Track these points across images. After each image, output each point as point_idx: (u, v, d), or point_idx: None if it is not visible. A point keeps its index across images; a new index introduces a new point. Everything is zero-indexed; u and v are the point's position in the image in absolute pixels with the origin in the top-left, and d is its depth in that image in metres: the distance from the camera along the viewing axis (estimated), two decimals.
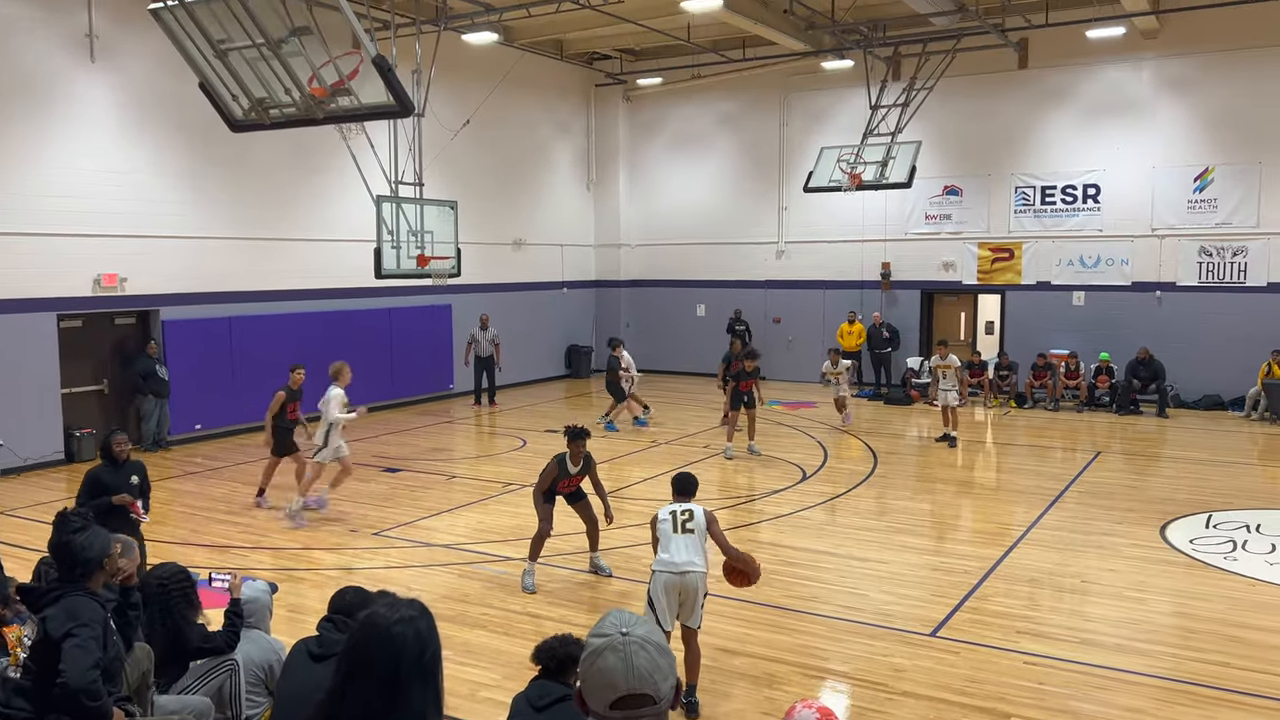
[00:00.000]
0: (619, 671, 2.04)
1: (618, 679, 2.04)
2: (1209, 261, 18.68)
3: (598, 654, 2.07)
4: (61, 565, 4.23)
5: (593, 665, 2.08)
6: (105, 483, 7.47)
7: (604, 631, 2.10)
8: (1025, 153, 20.10)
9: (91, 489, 7.43)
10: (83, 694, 3.91)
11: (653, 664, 2.07)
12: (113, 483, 7.49)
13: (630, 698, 2.05)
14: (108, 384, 15.03)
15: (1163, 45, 18.66)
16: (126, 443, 7.77)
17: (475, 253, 18.30)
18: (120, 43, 14.42)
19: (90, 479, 7.51)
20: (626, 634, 2.08)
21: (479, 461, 14.60)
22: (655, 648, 2.09)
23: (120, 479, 7.54)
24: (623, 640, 2.07)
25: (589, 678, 2.09)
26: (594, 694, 2.08)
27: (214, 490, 12.68)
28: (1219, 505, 11.32)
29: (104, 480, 7.49)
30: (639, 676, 2.04)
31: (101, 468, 7.61)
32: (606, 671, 2.05)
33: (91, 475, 7.56)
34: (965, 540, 10.39)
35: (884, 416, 18.24)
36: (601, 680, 2.06)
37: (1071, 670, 6.86)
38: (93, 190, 14.19)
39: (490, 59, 19.89)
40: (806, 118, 22.18)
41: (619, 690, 2.04)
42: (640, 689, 2.05)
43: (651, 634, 2.11)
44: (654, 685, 2.06)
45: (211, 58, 7.66)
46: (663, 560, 6.31)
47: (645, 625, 2.13)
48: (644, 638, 2.09)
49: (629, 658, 2.05)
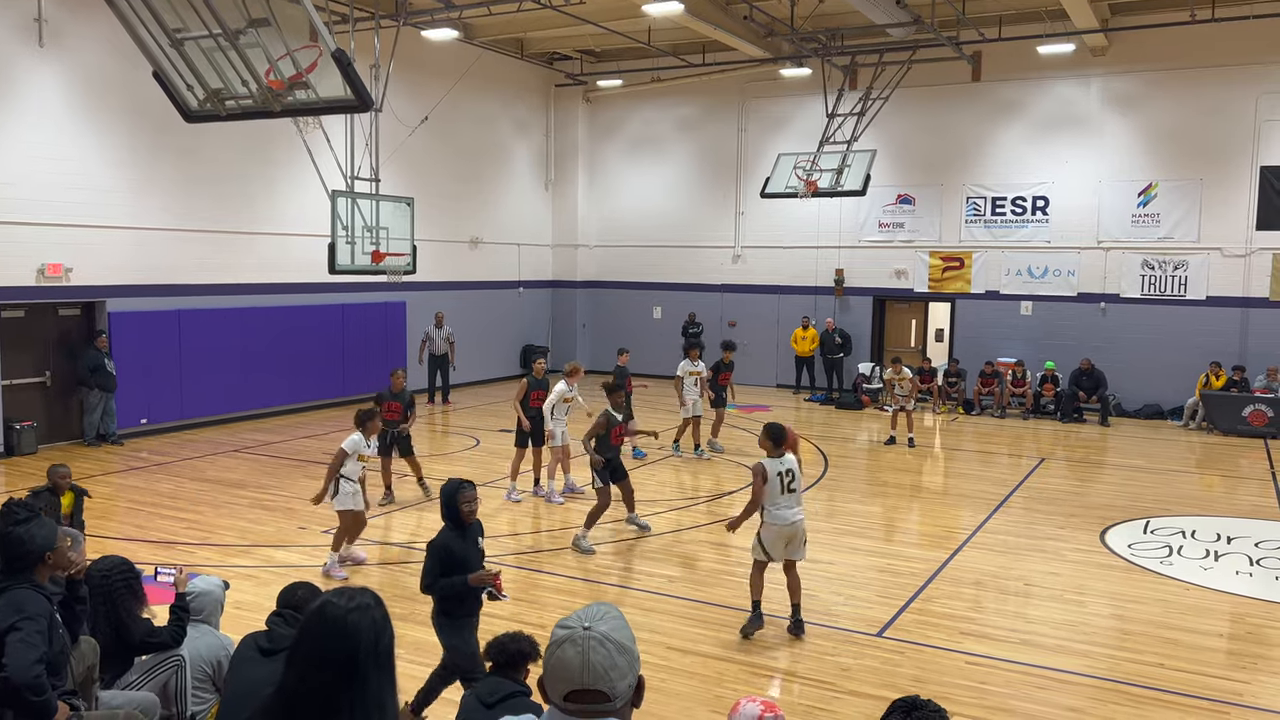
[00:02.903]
0: (574, 666, 2.06)
1: (572, 673, 2.07)
2: (1151, 274, 19.18)
3: (558, 645, 2.10)
4: (6, 557, 4.16)
5: (552, 655, 2.10)
6: (454, 550, 5.89)
7: (569, 624, 2.12)
8: (977, 164, 20.48)
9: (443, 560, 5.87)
10: (27, 688, 3.85)
11: (609, 661, 2.07)
12: (461, 550, 5.93)
13: (583, 692, 2.07)
14: (50, 376, 14.70)
15: (1111, 62, 19.14)
16: (473, 499, 5.99)
17: (431, 250, 18.22)
18: (70, 27, 14.13)
19: (440, 550, 5.91)
20: (589, 629, 2.09)
21: (432, 460, 14.50)
22: (615, 646, 2.09)
23: (470, 544, 6.01)
24: (583, 635, 2.08)
25: (548, 668, 2.12)
26: (550, 684, 2.12)
27: (160, 485, 12.47)
28: (1157, 511, 11.64)
29: (453, 549, 5.89)
30: (594, 673, 2.06)
31: (451, 534, 5.95)
32: (564, 663, 2.08)
33: (441, 546, 5.92)
34: (912, 543, 10.57)
35: (834, 421, 18.45)
36: (558, 672, 2.09)
37: (1012, 670, 7.02)
38: (39, 178, 13.88)
39: (450, 56, 19.80)
40: (764, 124, 22.38)
41: (572, 684, 2.07)
42: (594, 685, 2.06)
43: (614, 631, 2.11)
44: (609, 683, 2.07)
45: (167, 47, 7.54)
46: (775, 515, 7.49)
47: (611, 622, 2.13)
48: (605, 635, 2.09)
49: (586, 653, 2.07)
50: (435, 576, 5.82)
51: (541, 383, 12.02)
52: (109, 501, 11.67)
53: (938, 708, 2.71)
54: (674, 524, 10.93)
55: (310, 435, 15.86)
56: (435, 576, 5.82)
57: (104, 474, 13.07)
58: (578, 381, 11.93)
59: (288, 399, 17.64)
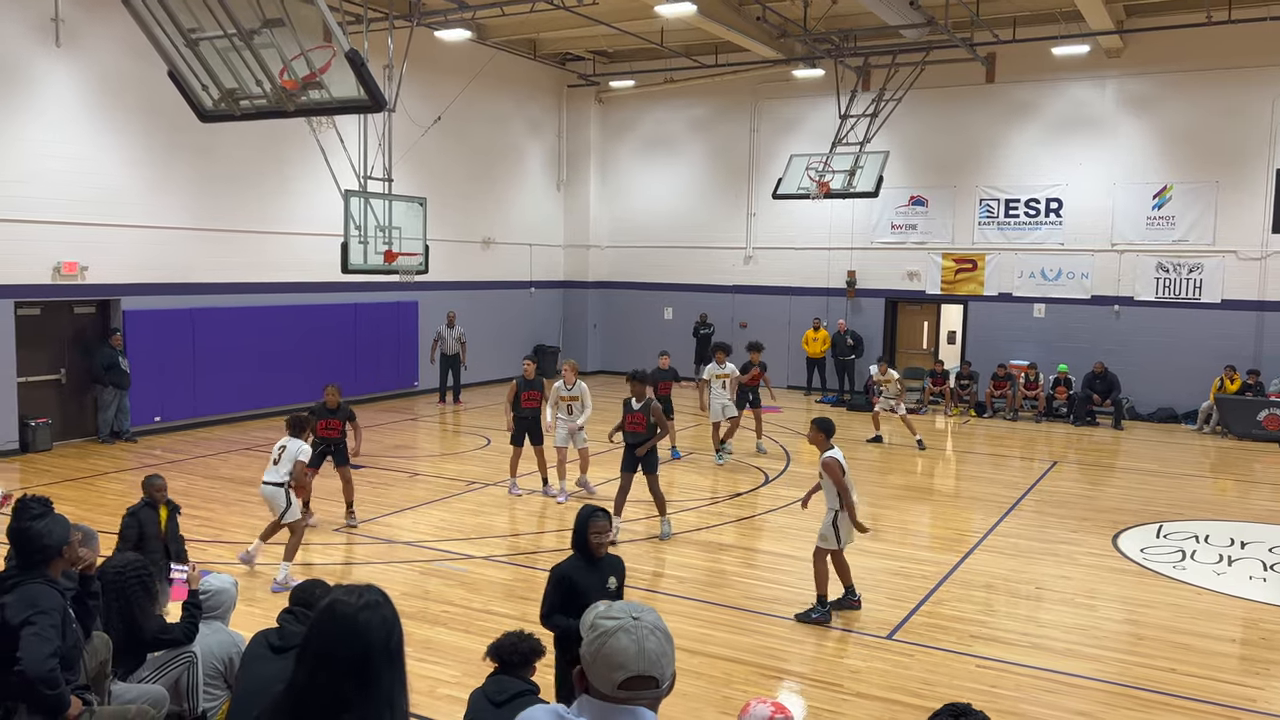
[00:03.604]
0: (631, 653, 2.13)
1: (629, 660, 2.13)
2: (1166, 277, 19.08)
3: (610, 635, 2.15)
4: (20, 551, 4.19)
5: (604, 646, 2.15)
6: (577, 583, 5.44)
7: (614, 615, 2.18)
8: (990, 166, 20.41)
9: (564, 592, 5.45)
10: (40, 682, 3.88)
11: (661, 649, 2.17)
12: (585, 584, 5.44)
13: (638, 679, 2.13)
14: (65, 373, 14.80)
15: (1126, 64, 19.05)
16: (604, 530, 5.51)
17: (443, 250, 18.26)
18: (86, 27, 14.22)
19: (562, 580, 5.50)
20: (638, 619, 2.17)
21: (443, 459, 14.56)
22: (664, 634, 2.19)
23: (597, 579, 5.51)
24: (634, 624, 2.15)
25: (598, 658, 2.15)
26: (601, 674, 2.15)
27: (173, 483, 12.43)
28: (1170, 516, 11.58)
29: (576, 581, 5.45)
30: (649, 660, 2.14)
31: (578, 565, 5.51)
32: (618, 652, 2.13)
33: (563, 576, 5.51)
34: (923, 545, 10.54)
35: (845, 422, 18.38)
36: (612, 661, 2.14)
37: (1023, 674, 7.00)
38: (55, 177, 13.97)
39: (463, 56, 19.85)
40: (776, 125, 22.36)
41: (629, 671, 2.13)
42: (649, 671, 2.14)
43: (659, 622, 2.21)
44: (660, 669, 2.16)
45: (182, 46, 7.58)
46: (853, 501, 7.89)
47: (654, 614, 2.22)
48: (654, 624, 2.19)
49: (641, 641, 2.14)
50: (552, 607, 5.39)
51: (533, 383, 12.02)
52: (123, 499, 11.72)
53: (985, 717, 2.82)
54: (687, 525, 10.93)
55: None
56: (552, 607, 5.39)
57: (118, 471, 13.15)
58: (575, 381, 11.83)
59: (300, 398, 17.65)
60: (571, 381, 11.82)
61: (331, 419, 10.47)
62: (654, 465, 10.30)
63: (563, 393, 11.80)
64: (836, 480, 7.85)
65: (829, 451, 7.96)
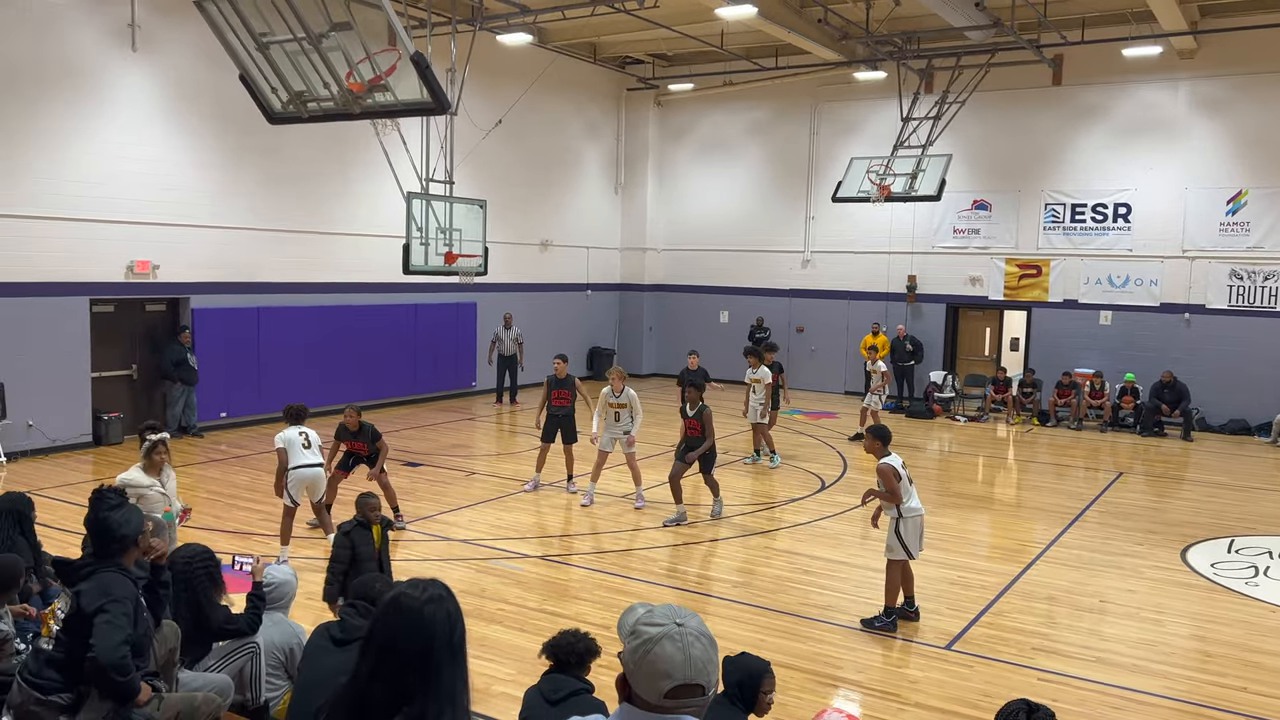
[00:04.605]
0: (677, 662, 2.08)
1: (675, 668, 2.08)
2: (1239, 285, 18.51)
3: (655, 642, 2.09)
4: (97, 541, 4.32)
5: (648, 654, 2.09)
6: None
7: (657, 621, 2.12)
8: (1056, 169, 20.00)
9: None
10: (112, 668, 3.99)
11: (706, 655, 2.11)
12: None
13: (684, 687, 2.09)
14: (136, 369, 15.23)
15: (1199, 66, 18.53)
16: (774, 688, 4.56)
17: (502, 252, 18.42)
18: (161, 32, 14.63)
19: None
20: (682, 625, 2.11)
21: (499, 459, 14.68)
22: (708, 640, 2.14)
23: None
24: (679, 631, 2.10)
25: (642, 665, 2.10)
26: (646, 682, 2.10)
27: (237, 478, 12.82)
28: (1242, 530, 11.23)
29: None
30: (695, 667, 2.09)
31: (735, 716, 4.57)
32: (663, 660, 2.08)
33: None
34: (984, 555, 10.36)
35: (905, 429, 18.15)
36: (657, 669, 2.09)
37: (1086, 689, 6.83)
38: (129, 179, 14.40)
39: (524, 60, 20.02)
40: (837, 128, 22.17)
41: (675, 680, 2.08)
42: (695, 679, 2.09)
43: (703, 627, 2.15)
44: (706, 676, 2.11)
45: (253, 50, 7.76)
46: (910, 508, 7.89)
47: (697, 618, 2.16)
48: (699, 629, 2.13)
49: (687, 648, 2.09)
50: None
51: (564, 382, 12.22)
52: (189, 492, 12.02)
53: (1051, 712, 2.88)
54: (742, 529, 10.88)
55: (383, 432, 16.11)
56: None
57: (185, 465, 13.48)
58: (623, 388, 11.63)
59: (360, 396, 17.92)
60: (619, 389, 11.64)
61: (354, 441, 10.33)
62: (710, 464, 10.64)
63: (610, 400, 11.67)
64: (891, 487, 7.77)
65: (886, 459, 7.89)
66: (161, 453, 7.52)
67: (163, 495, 7.47)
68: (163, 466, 7.57)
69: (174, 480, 7.81)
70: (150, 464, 7.49)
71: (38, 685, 4.16)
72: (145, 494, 7.32)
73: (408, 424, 17.03)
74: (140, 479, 7.41)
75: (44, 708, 4.14)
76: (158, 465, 7.52)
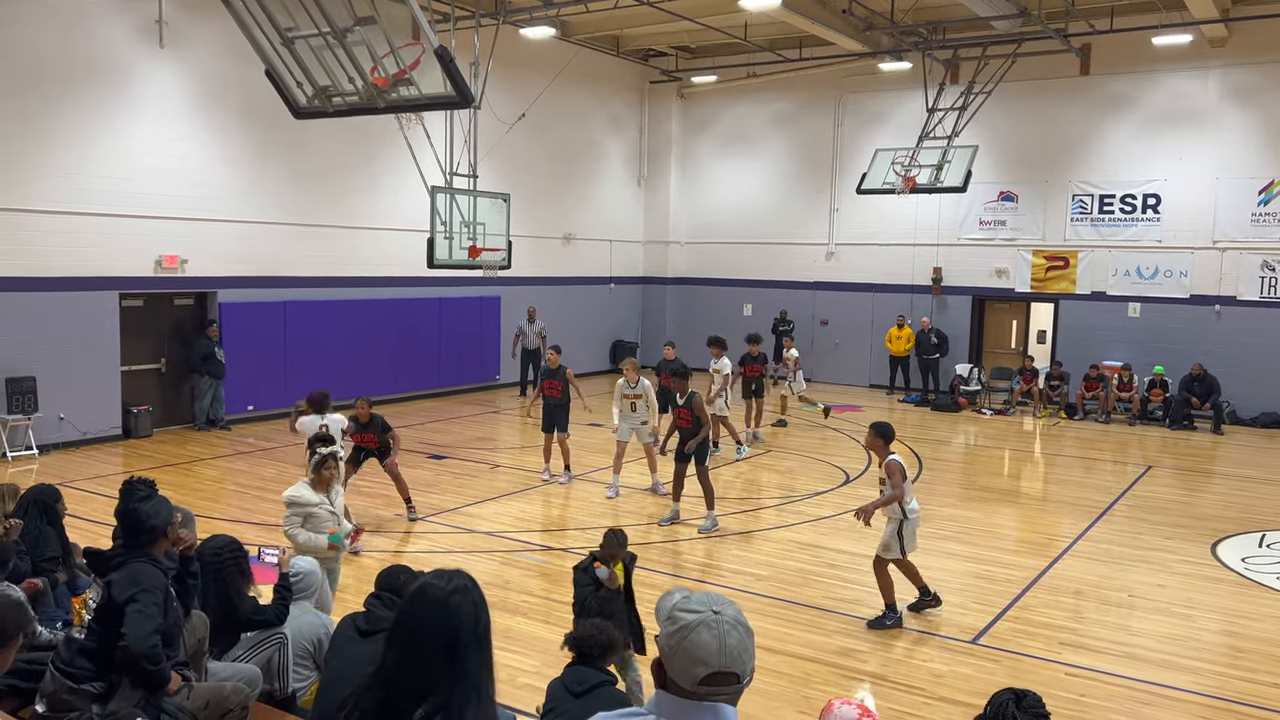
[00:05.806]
0: (712, 649, 2.07)
1: (710, 656, 2.07)
2: (1272, 276, 18.24)
3: (691, 629, 2.08)
4: (127, 531, 4.37)
5: (684, 640, 2.08)
6: None
7: (694, 608, 2.11)
8: (1084, 160, 19.78)
9: None
10: (143, 657, 4.04)
11: (742, 644, 2.10)
12: None
13: (719, 675, 2.08)
14: (165, 362, 15.39)
15: (1230, 54, 18.25)
16: None
17: (525, 246, 18.43)
18: (188, 29, 14.74)
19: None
20: (719, 613, 2.10)
21: (523, 452, 14.73)
22: (745, 628, 2.13)
23: None
24: (715, 619, 2.09)
25: (678, 653, 2.09)
26: (682, 669, 2.09)
27: (264, 470, 12.94)
28: (1274, 525, 11.07)
29: None
30: (730, 655, 2.08)
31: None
32: (699, 647, 2.07)
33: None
34: (1010, 549, 10.28)
35: (929, 423, 18.06)
36: (693, 656, 2.08)
37: (1114, 684, 6.77)
38: (158, 174, 14.54)
39: (547, 53, 20.01)
40: (861, 119, 22.03)
41: (710, 667, 2.07)
42: (730, 667, 2.08)
43: (740, 615, 2.14)
44: (741, 664, 2.10)
45: (279, 45, 7.79)
46: (912, 507, 7.80)
47: (734, 606, 2.15)
48: (735, 618, 2.12)
49: (723, 636, 2.08)
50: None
51: (554, 373, 12.43)
52: (216, 485, 12.18)
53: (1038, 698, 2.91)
54: (765, 523, 10.86)
55: (407, 425, 16.21)
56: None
57: (213, 457, 13.63)
58: (637, 379, 11.81)
59: (386, 389, 18.09)
60: (634, 380, 11.81)
61: (365, 433, 10.23)
62: (703, 456, 10.46)
63: (625, 390, 11.84)
64: (897, 485, 7.66)
65: (892, 456, 7.78)
66: (331, 468, 6.98)
67: (331, 514, 6.99)
68: (331, 483, 7.01)
69: (342, 498, 7.29)
70: (319, 479, 6.96)
71: (70, 674, 4.22)
72: (313, 512, 6.90)
73: (432, 417, 17.11)
74: (308, 496, 6.91)
75: (76, 695, 4.20)
76: (326, 481, 6.97)
